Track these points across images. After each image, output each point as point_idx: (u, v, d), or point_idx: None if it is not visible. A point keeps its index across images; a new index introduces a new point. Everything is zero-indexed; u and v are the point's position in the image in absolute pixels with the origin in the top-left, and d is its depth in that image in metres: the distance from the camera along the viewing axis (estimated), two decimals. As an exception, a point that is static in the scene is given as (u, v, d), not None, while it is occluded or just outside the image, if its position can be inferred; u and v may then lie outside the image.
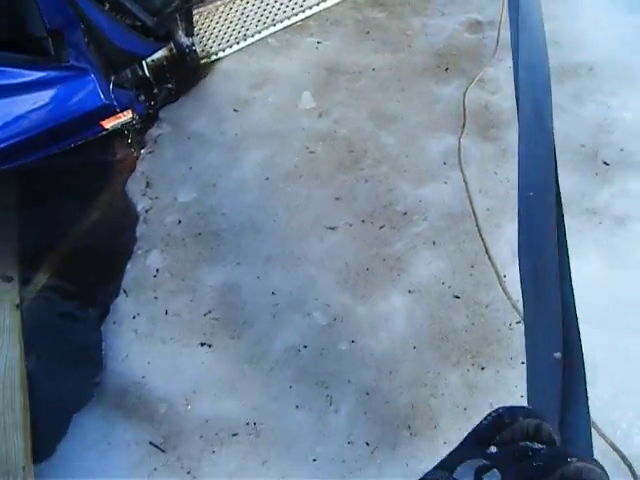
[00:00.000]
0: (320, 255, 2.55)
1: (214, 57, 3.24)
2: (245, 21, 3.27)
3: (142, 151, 2.95)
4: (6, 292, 2.48)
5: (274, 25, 3.25)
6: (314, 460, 2.12)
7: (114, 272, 2.56)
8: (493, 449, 0.59)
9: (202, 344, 2.36)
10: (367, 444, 2.11)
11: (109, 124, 2.74)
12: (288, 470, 2.12)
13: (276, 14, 3.27)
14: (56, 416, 2.26)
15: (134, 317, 2.43)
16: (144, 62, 2.98)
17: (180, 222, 2.67)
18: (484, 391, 2.17)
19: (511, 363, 2.20)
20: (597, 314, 2.25)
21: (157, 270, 2.54)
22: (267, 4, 3.30)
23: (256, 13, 3.28)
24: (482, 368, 2.20)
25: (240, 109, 3.10)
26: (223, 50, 3.24)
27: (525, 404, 0.98)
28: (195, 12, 3.16)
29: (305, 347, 2.34)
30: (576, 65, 3.08)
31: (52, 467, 2.15)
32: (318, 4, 3.28)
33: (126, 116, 2.77)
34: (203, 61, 3.23)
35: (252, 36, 3.25)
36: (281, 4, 3.29)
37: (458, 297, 2.40)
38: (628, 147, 2.75)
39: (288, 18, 3.26)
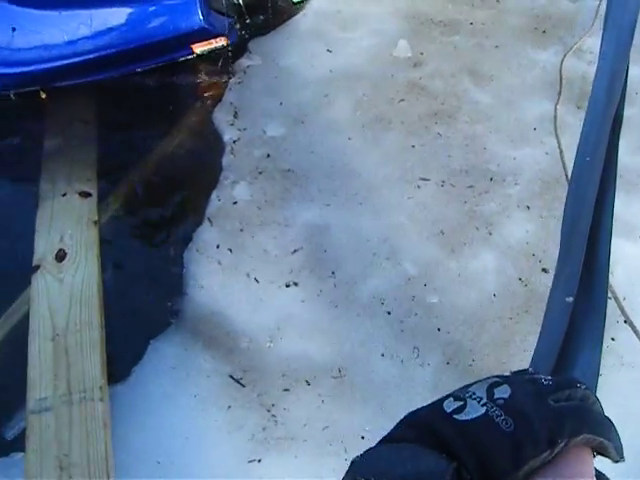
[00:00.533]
0: (412, 205, 2.45)
1: (307, -5, 3.10)
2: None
3: (231, 80, 2.84)
4: (84, 208, 2.38)
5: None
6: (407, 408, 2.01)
7: (198, 199, 2.47)
8: (507, 373, 0.62)
9: (288, 282, 2.26)
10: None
11: (200, 48, 2.65)
12: (370, 417, 2.02)
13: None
14: (133, 339, 2.18)
15: (218, 247, 2.34)
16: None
17: (269, 156, 2.57)
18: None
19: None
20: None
21: (244, 202, 2.43)
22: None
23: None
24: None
25: (333, 49, 2.98)
26: (317, -12, 3.10)
27: None
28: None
29: (394, 296, 2.23)
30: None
31: (127, 389, 2.07)
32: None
33: (218, 42, 2.67)
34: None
35: (348, -23, 3.11)
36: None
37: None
38: None
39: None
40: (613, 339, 2.11)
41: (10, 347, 2.15)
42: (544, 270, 2.27)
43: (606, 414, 0.60)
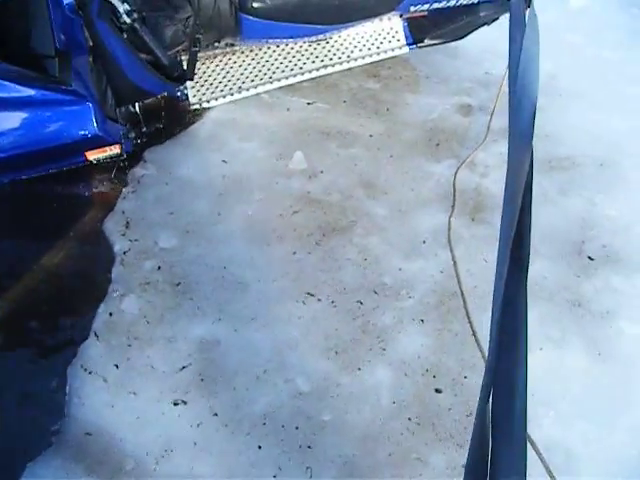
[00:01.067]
0: (305, 320, 2.47)
1: (206, 104, 3.15)
2: (242, 74, 3.20)
3: (124, 190, 2.82)
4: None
5: (270, 83, 3.20)
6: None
7: (85, 313, 2.41)
8: None
9: (176, 401, 2.20)
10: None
11: (93, 156, 2.63)
12: None
13: (274, 72, 3.23)
14: (7, 463, 2.05)
15: (104, 364, 2.26)
16: (136, 98, 2.88)
17: (159, 268, 2.55)
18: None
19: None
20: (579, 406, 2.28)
21: (133, 316, 2.38)
22: (266, 61, 3.25)
23: (254, 68, 3.23)
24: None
25: (229, 159, 3.01)
26: (216, 99, 3.16)
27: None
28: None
29: (286, 413, 2.21)
30: (563, 158, 3.12)
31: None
32: (317, 70, 3.24)
33: (113, 151, 2.67)
34: (194, 107, 3.13)
35: (247, 90, 3.18)
36: (280, 64, 3.24)
37: (442, 377, 2.36)
38: (612, 244, 2.77)
39: (286, 78, 3.21)
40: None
41: None
42: (437, 390, 2.28)
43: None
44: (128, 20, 2.48)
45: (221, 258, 2.61)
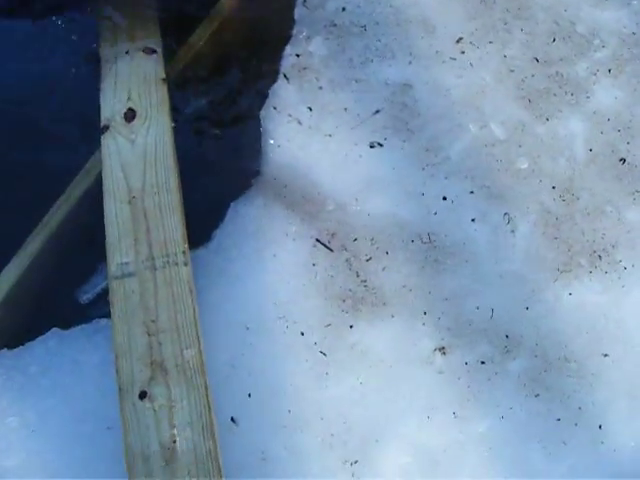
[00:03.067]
0: (498, 61, 2.27)
1: None
2: None
3: None
4: (149, 65, 2.21)
5: None
6: (500, 276, 1.93)
7: (271, 54, 2.30)
8: None
9: (372, 143, 2.12)
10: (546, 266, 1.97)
11: None
12: (462, 284, 1.93)
13: None
14: (212, 201, 2.05)
15: (296, 105, 2.18)
16: None
17: (344, 9, 2.39)
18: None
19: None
20: None
21: (321, 58, 2.26)
22: None
23: None
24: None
25: None
26: None
27: None
28: None
29: (481, 159, 2.10)
30: None
31: (210, 254, 1.97)
32: None
33: None
34: None
35: None
36: None
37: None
38: None
39: None
40: None
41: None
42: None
43: None
44: None
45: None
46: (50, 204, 2.01)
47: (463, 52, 2.29)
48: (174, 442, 1.58)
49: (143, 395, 1.67)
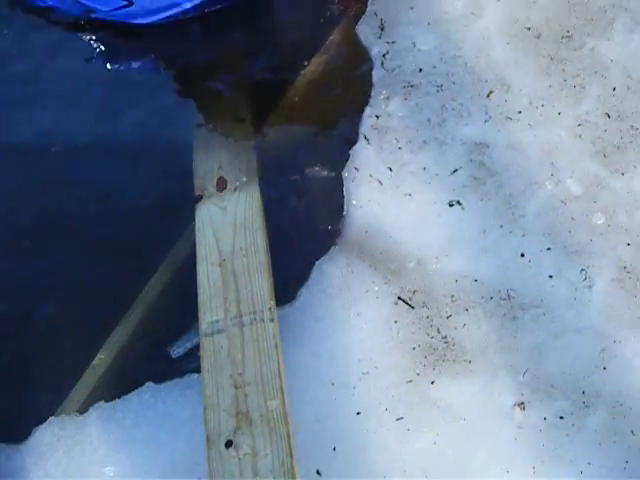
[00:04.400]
0: (572, 117, 2.33)
1: None
2: None
3: (373, -10, 2.71)
4: (240, 133, 2.35)
5: None
6: (578, 332, 1.99)
7: (352, 115, 2.40)
8: None
9: (451, 202, 2.20)
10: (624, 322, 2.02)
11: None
12: (543, 340, 1.99)
13: None
14: (297, 261, 2.16)
15: (377, 166, 2.28)
16: None
17: (421, 70, 2.48)
18: None
19: None
20: None
21: (400, 119, 2.36)
22: None
23: None
24: None
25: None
26: None
27: None
28: None
29: (558, 216, 2.16)
30: None
31: (296, 312, 2.08)
32: None
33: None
34: None
35: None
36: None
37: None
38: None
39: None
40: None
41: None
42: None
43: None
44: None
45: (484, 60, 2.48)
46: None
47: (537, 108, 2.33)
48: (257, 489, 1.66)
49: (229, 444, 1.77)
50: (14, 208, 2.40)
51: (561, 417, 1.90)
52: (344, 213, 2.20)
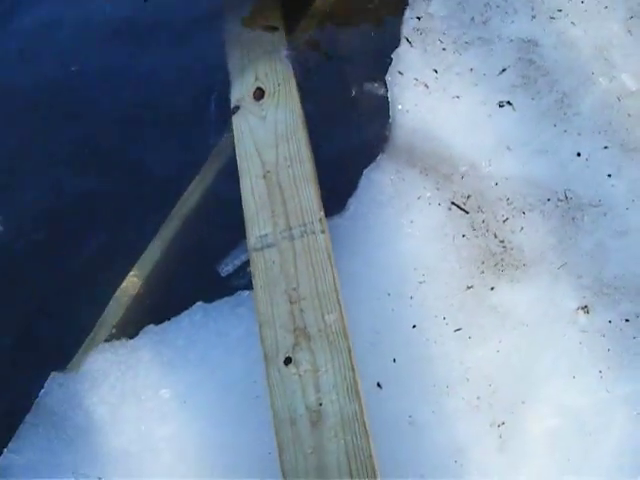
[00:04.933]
0: (625, 8, 2.22)
1: None
2: None
3: None
4: (274, 42, 2.23)
5: None
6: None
7: (392, 18, 2.29)
8: None
9: (501, 102, 2.09)
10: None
11: None
12: (607, 239, 1.91)
13: None
14: (344, 170, 2.06)
15: (422, 69, 2.16)
16: None
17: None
18: None
19: None
20: None
21: (442, 19, 2.23)
22: None
23: None
24: None
25: None
26: None
27: None
28: None
29: (615, 111, 2.04)
30: None
31: (346, 222, 2.01)
32: None
33: None
34: None
35: None
36: None
37: None
38: None
39: None
40: None
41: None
42: None
43: None
44: None
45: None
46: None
47: (582, 2, 2.20)
48: (320, 405, 1.61)
49: (288, 361, 1.71)
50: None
51: (626, 320, 1.81)
52: (390, 119, 2.08)
